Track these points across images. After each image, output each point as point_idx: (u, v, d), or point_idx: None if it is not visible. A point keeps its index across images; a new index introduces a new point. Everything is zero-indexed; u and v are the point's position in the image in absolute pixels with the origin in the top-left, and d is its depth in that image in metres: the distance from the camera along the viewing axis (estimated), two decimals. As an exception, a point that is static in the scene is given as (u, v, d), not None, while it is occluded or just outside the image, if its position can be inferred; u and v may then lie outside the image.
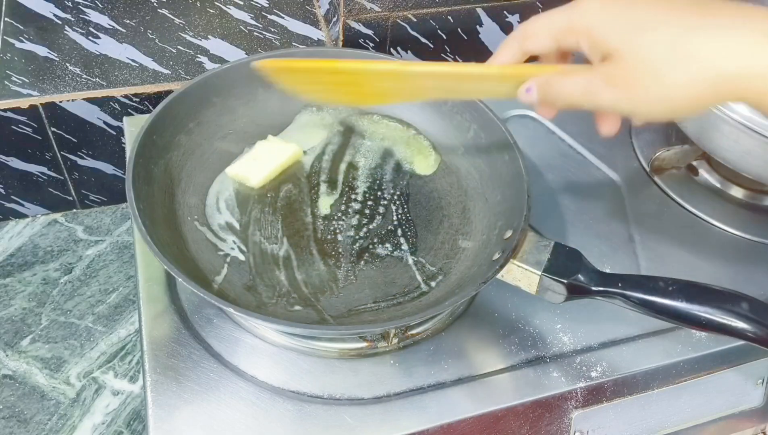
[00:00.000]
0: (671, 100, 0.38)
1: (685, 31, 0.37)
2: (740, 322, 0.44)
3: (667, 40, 0.37)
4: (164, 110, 0.56)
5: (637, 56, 0.38)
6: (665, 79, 0.37)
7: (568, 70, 0.41)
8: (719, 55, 0.36)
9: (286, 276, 0.53)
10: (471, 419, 0.49)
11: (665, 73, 0.37)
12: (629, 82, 0.38)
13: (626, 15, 0.38)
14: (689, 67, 0.36)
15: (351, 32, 0.77)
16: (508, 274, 0.50)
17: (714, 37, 0.36)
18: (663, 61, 0.37)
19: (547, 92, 0.42)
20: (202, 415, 0.47)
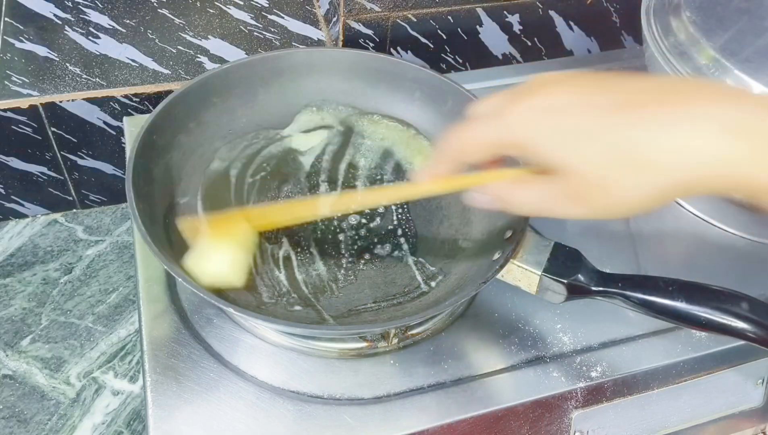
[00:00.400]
0: (629, 205, 0.36)
1: (625, 136, 0.34)
2: (740, 322, 0.44)
3: (608, 150, 0.35)
4: (164, 110, 0.56)
5: (581, 171, 0.36)
6: (616, 191, 0.35)
7: (522, 179, 0.40)
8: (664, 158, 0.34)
9: (286, 276, 0.53)
10: (471, 419, 0.49)
11: (615, 185, 0.35)
12: (583, 197, 0.37)
13: (560, 126, 0.36)
14: (637, 176, 0.35)
15: (351, 32, 0.77)
16: (508, 274, 0.50)
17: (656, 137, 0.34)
18: (609, 173, 0.35)
19: (503, 201, 0.41)
20: (202, 415, 0.47)
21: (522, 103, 0.37)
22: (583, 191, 0.36)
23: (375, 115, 0.65)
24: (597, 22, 0.87)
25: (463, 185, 0.44)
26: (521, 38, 0.85)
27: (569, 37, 0.88)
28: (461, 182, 0.44)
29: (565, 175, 0.37)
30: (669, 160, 0.34)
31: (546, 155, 0.37)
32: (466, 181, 0.44)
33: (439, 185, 0.45)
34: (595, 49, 0.91)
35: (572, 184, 0.37)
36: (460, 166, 0.42)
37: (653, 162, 0.34)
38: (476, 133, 0.40)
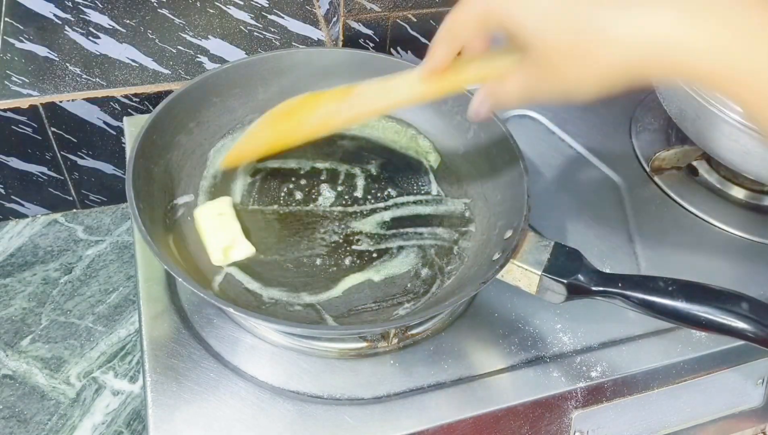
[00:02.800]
0: (593, 83, 0.38)
1: (589, 14, 0.36)
2: (740, 322, 0.44)
3: (572, 27, 0.36)
4: (164, 110, 0.56)
5: (549, 48, 0.38)
6: (578, 68, 0.37)
7: (505, 73, 0.42)
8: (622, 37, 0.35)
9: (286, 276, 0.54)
10: (471, 419, 0.49)
11: (577, 62, 0.37)
12: (553, 75, 0.39)
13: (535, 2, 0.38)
14: (598, 52, 0.36)
15: (351, 32, 0.77)
16: (508, 274, 0.50)
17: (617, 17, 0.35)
18: (572, 49, 0.37)
19: (494, 98, 0.43)
20: (202, 415, 0.47)
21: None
22: (552, 69, 0.38)
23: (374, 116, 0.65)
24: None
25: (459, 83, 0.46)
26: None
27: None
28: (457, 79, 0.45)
29: (536, 52, 0.38)
30: (626, 39, 0.35)
31: (523, 32, 0.38)
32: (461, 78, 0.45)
33: (437, 84, 0.46)
34: (595, 49, 0.90)
35: (542, 63, 0.38)
36: (456, 50, 0.44)
37: (611, 40, 0.36)
38: (464, 12, 0.41)
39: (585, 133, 0.71)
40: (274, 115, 0.55)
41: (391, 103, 0.51)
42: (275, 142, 0.56)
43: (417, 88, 0.47)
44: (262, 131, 0.56)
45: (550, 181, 0.66)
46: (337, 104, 0.52)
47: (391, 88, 0.49)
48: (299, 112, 0.54)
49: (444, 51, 0.44)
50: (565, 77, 0.38)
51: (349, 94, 0.51)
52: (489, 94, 0.44)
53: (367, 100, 0.51)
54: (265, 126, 0.56)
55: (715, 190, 0.68)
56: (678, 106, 0.64)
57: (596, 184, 0.67)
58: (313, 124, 0.54)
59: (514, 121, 0.71)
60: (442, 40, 0.44)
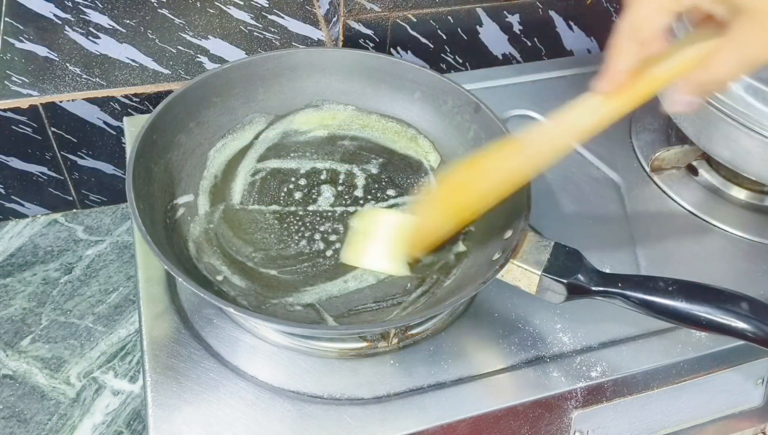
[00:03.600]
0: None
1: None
2: (740, 322, 0.44)
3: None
4: (164, 110, 0.56)
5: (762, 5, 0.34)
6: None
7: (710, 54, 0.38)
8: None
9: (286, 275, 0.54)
10: (471, 419, 0.49)
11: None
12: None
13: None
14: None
15: (351, 32, 0.77)
16: (508, 274, 0.50)
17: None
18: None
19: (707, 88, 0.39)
20: (202, 415, 0.47)
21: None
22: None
23: (375, 115, 0.65)
24: (597, 22, 0.87)
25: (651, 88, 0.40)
26: (521, 38, 0.85)
27: (569, 37, 0.88)
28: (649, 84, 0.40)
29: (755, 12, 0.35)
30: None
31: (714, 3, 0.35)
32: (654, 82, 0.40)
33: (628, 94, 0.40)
34: (595, 49, 0.91)
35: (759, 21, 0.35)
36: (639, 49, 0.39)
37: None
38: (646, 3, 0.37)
39: (585, 133, 0.71)
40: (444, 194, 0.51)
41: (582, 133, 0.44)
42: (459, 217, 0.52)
43: (603, 109, 0.41)
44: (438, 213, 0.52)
45: (550, 181, 0.66)
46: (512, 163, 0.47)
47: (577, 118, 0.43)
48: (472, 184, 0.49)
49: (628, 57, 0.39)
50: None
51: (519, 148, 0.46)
52: (700, 81, 0.39)
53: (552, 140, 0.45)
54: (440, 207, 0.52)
55: (715, 190, 0.68)
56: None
57: (596, 184, 0.67)
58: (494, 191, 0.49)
59: (514, 121, 0.71)
60: (623, 42, 0.39)
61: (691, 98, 0.40)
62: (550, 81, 0.76)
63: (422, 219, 0.53)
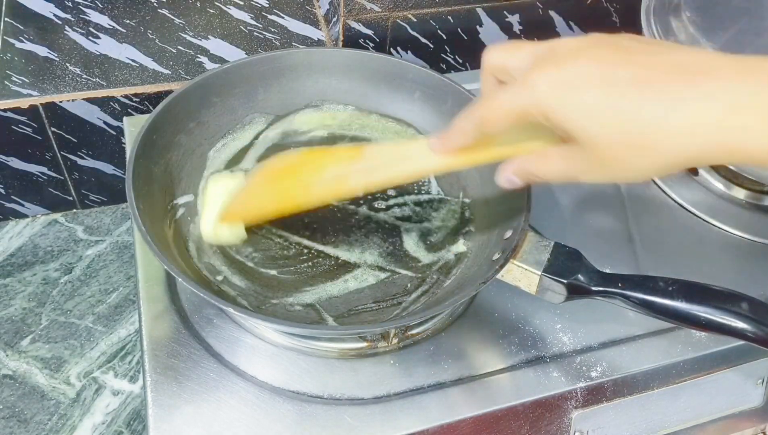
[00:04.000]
0: (643, 173, 0.38)
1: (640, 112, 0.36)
2: (740, 322, 0.44)
3: (624, 127, 0.36)
4: (164, 110, 0.56)
5: (600, 144, 0.38)
6: (630, 163, 0.38)
7: (545, 152, 0.42)
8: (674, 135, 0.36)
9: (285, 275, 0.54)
10: (471, 419, 0.49)
11: (628, 159, 0.37)
12: (602, 166, 0.39)
13: (583, 100, 0.37)
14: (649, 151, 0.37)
15: (351, 32, 0.77)
16: (508, 274, 0.50)
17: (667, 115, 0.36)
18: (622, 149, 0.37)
19: (531, 174, 0.43)
20: (202, 415, 0.47)
21: (548, 72, 0.38)
22: (602, 161, 0.39)
23: (374, 115, 0.65)
24: (597, 22, 0.87)
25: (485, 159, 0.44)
26: (521, 38, 0.85)
27: (569, 37, 0.88)
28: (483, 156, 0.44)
29: (585, 146, 0.38)
30: (684, 129, 0.36)
31: (569, 126, 0.38)
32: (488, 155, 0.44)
33: (458, 159, 0.45)
34: (595, 49, 0.90)
35: (592, 154, 0.38)
36: (480, 136, 0.43)
37: (670, 131, 0.36)
38: (502, 102, 0.40)
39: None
40: (273, 171, 0.53)
41: (406, 174, 0.48)
42: (278, 204, 0.52)
43: (433, 161, 0.45)
44: (262, 188, 0.53)
45: (550, 181, 0.66)
46: (345, 168, 0.49)
47: (405, 157, 0.47)
48: (302, 171, 0.51)
49: (465, 139, 0.43)
50: (621, 167, 0.38)
51: (357, 157, 0.49)
52: (526, 168, 0.43)
53: (377, 168, 0.48)
54: (264, 183, 0.53)
55: (715, 190, 0.68)
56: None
57: (596, 184, 0.67)
58: (319, 188, 0.50)
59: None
60: (465, 128, 0.43)
61: (514, 178, 0.44)
62: (550, 81, 0.76)
63: (245, 192, 0.54)
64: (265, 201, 0.53)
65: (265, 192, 0.53)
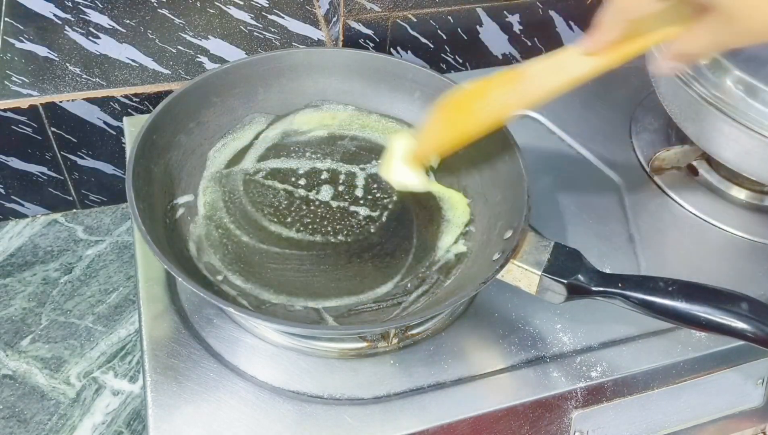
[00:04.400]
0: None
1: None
2: (740, 322, 0.44)
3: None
4: (164, 110, 0.56)
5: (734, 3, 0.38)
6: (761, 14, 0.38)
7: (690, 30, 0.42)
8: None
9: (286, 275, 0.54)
10: (471, 419, 0.49)
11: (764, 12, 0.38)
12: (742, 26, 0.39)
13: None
14: None
15: (351, 32, 0.77)
16: (508, 274, 0.50)
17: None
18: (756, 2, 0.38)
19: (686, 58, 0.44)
20: (202, 415, 0.47)
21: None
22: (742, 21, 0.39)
23: (375, 115, 0.65)
24: (597, 22, 0.87)
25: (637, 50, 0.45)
26: (521, 38, 0.85)
27: (569, 37, 0.88)
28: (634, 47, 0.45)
29: (724, 8, 0.39)
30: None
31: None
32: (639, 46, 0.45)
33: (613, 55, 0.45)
34: (595, 49, 0.90)
35: (732, 16, 0.39)
36: (626, 26, 0.43)
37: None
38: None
39: (585, 133, 0.71)
40: (446, 108, 0.55)
41: (567, 81, 0.48)
42: (454, 137, 0.56)
43: (587, 64, 0.46)
44: (437, 126, 0.56)
45: (550, 181, 0.66)
46: (508, 91, 0.51)
47: (563, 65, 0.48)
48: (471, 103, 0.54)
49: (613, 32, 0.44)
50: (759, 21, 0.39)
51: (519, 78, 0.50)
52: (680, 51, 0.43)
53: (541, 82, 0.50)
54: (439, 121, 0.56)
55: (715, 190, 0.68)
56: (678, 106, 0.64)
57: (596, 184, 0.67)
58: (488, 113, 0.53)
59: (514, 121, 0.71)
60: (613, 16, 0.43)
61: (671, 63, 0.44)
62: (550, 81, 0.76)
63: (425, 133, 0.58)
64: (442, 135, 0.56)
65: (441, 128, 0.56)
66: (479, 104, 0.53)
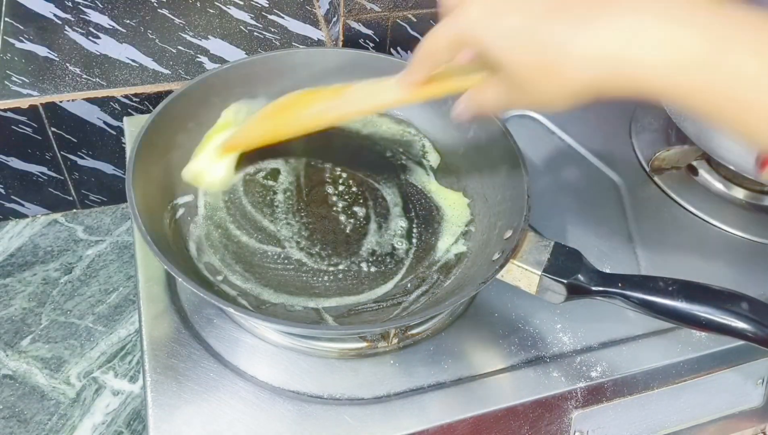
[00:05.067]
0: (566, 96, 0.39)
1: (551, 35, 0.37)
2: (740, 322, 0.44)
3: (536, 50, 0.38)
4: (164, 110, 0.56)
5: (517, 69, 0.39)
6: (544, 86, 0.39)
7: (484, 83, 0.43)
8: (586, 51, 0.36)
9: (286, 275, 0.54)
10: (471, 419, 0.49)
11: (542, 82, 0.39)
12: (525, 91, 0.40)
13: (502, 26, 0.39)
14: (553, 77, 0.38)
15: (351, 32, 0.77)
16: (508, 274, 0.50)
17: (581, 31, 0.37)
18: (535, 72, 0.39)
19: (477, 104, 0.45)
20: (202, 415, 0.47)
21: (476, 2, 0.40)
22: (520, 86, 0.40)
23: (375, 115, 0.65)
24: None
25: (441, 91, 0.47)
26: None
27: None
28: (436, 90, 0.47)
29: (507, 71, 0.40)
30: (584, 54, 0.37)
31: (492, 53, 0.40)
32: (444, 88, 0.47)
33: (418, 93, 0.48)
34: (595, 49, 0.90)
35: (513, 80, 0.40)
36: (434, 66, 0.45)
37: (571, 55, 0.37)
38: (443, 31, 0.42)
39: (585, 133, 0.71)
40: (273, 107, 0.57)
41: (374, 106, 0.53)
42: (271, 134, 0.57)
43: (397, 94, 0.49)
44: (261, 122, 0.57)
45: (550, 181, 0.66)
46: (330, 102, 0.54)
47: (377, 91, 0.51)
48: (295, 107, 0.56)
49: (422, 72, 0.46)
50: (535, 90, 0.40)
51: (342, 93, 0.53)
52: (471, 100, 0.45)
53: (354, 100, 0.52)
54: (264, 117, 0.57)
55: (715, 190, 0.68)
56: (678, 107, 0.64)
57: (596, 184, 0.67)
58: (306, 119, 0.55)
59: (514, 121, 0.71)
60: (419, 61, 0.45)
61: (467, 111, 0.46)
62: (550, 81, 0.76)
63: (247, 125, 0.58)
64: (261, 131, 0.57)
65: (262, 125, 0.57)
66: (301, 109, 0.55)
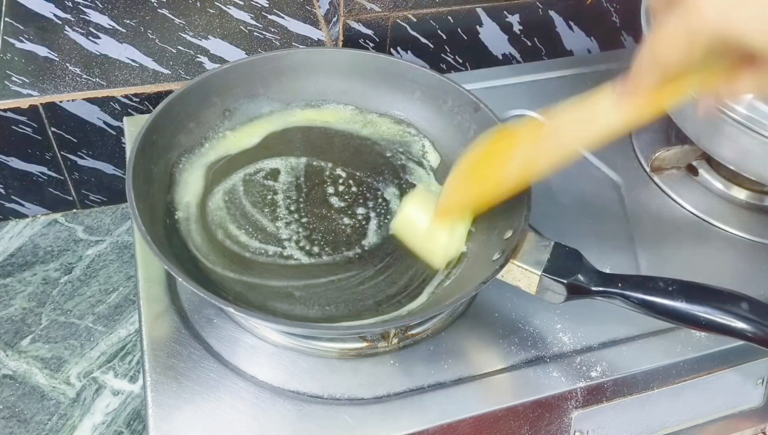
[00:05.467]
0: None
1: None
2: (740, 322, 0.44)
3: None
4: (164, 110, 0.56)
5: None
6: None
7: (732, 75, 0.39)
8: None
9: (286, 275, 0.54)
10: (471, 419, 0.49)
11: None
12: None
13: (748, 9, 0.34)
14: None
15: (351, 32, 0.77)
16: (508, 274, 0.50)
17: None
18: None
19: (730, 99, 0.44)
20: (202, 415, 0.47)
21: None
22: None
23: (375, 115, 0.65)
24: (597, 22, 0.87)
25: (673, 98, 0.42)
26: (521, 38, 0.85)
27: (569, 37, 0.88)
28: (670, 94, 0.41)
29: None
30: None
31: (748, 40, 0.35)
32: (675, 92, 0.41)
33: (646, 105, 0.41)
34: (595, 49, 0.91)
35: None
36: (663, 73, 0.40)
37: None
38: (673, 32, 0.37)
39: (585, 133, 0.71)
40: (470, 164, 0.52)
41: (596, 138, 0.44)
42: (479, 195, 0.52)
43: (621, 115, 0.43)
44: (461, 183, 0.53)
45: (550, 181, 0.66)
46: (534, 147, 0.48)
47: (590, 121, 0.44)
48: (496, 158, 0.50)
49: (650, 79, 0.40)
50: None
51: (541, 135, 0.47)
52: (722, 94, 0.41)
53: (566, 139, 0.46)
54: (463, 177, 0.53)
55: (715, 190, 0.68)
56: (678, 106, 0.64)
57: (596, 184, 0.67)
58: (514, 172, 0.49)
59: (514, 121, 0.71)
60: (646, 69, 0.40)
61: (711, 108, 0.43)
62: (550, 81, 0.76)
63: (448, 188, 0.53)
64: (467, 192, 0.53)
65: (466, 185, 0.53)
66: (505, 162, 0.50)
